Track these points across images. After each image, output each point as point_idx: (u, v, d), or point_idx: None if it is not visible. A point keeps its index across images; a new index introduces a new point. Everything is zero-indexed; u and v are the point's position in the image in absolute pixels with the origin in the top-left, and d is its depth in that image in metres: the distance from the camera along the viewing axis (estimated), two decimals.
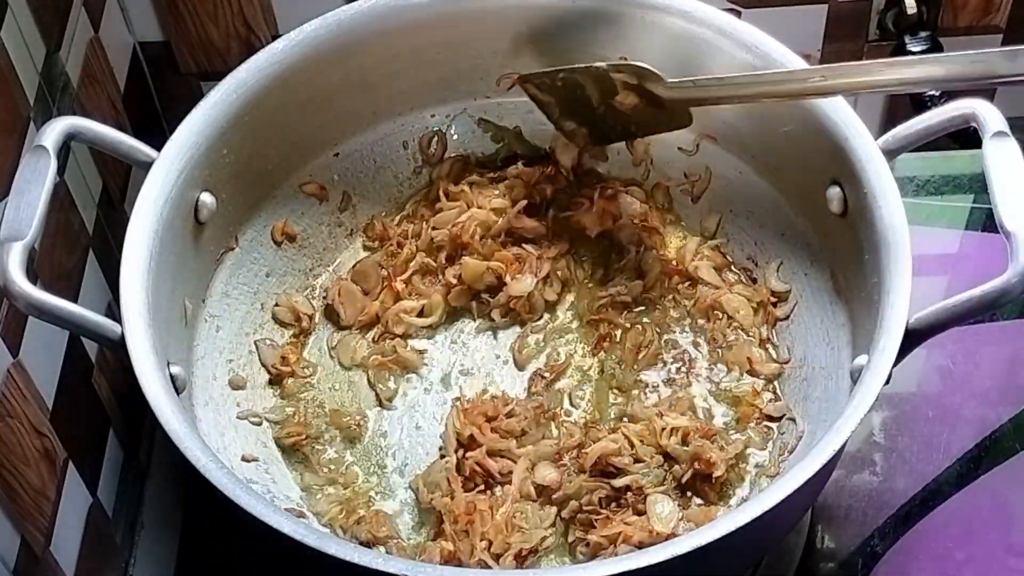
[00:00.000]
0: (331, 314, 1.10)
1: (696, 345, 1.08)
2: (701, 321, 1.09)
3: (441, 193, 1.13)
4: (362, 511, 1.00)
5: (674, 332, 1.09)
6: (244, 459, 1.00)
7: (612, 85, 1.03)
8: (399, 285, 1.09)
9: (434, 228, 1.11)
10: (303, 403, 1.06)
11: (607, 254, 1.13)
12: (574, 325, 1.10)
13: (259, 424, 1.04)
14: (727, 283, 1.10)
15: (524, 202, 1.11)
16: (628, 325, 1.08)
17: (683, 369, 1.07)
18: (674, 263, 1.11)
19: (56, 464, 0.99)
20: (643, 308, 1.10)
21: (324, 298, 1.11)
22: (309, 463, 1.03)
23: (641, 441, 0.99)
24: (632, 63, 1.02)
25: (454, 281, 1.09)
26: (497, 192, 1.12)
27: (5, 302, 0.89)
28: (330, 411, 1.06)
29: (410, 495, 1.01)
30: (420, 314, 1.10)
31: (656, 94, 1.01)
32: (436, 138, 1.15)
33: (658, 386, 1.06)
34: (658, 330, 1.08)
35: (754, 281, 1.10)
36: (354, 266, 1.12)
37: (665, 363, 1.07)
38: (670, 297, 1.10)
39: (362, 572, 0.79)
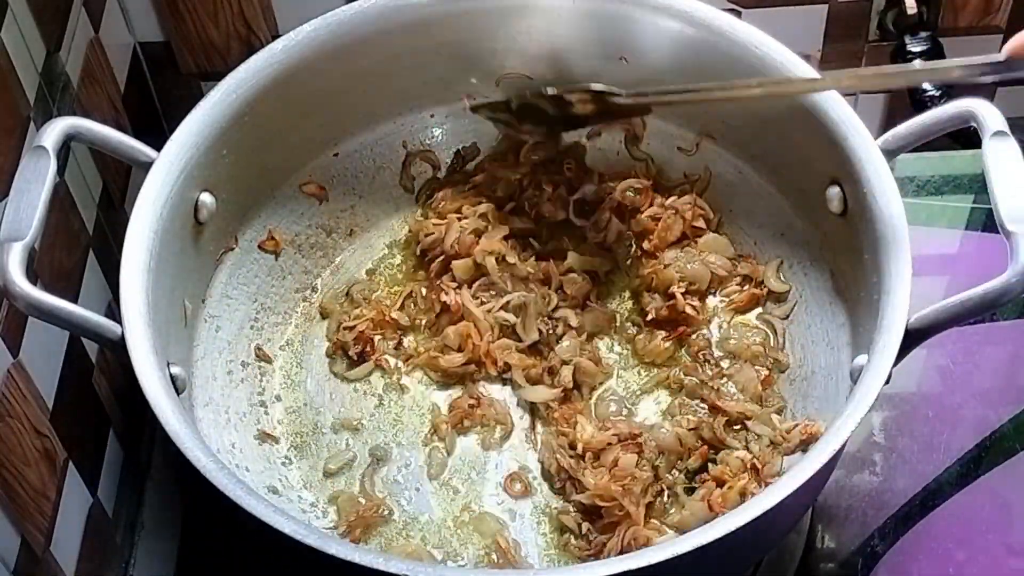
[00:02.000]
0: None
1: None
2: None
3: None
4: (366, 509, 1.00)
5: None
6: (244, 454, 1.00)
7: (567, 101, 1.05)
8: (395, 314, 1.09)
9: (428, 259, 1.11)
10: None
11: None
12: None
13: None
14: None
15: (512, 203, 1.13)
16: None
17: None
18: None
19: (56, 464, 0.99)
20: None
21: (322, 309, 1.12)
22: (311, 459, 1.04)
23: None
24: (585, 87, 1.04)
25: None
26: (481, 201, 1.12)
27: (5, 302, 0.89)
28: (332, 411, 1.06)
29: (411, 494, 1.02)
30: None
31: (614, 103, 1.03)
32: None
33: None
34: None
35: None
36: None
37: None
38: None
39: (362, 572, 0.79)
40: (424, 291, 1.11)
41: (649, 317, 1.07)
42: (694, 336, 1.08)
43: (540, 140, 1.12)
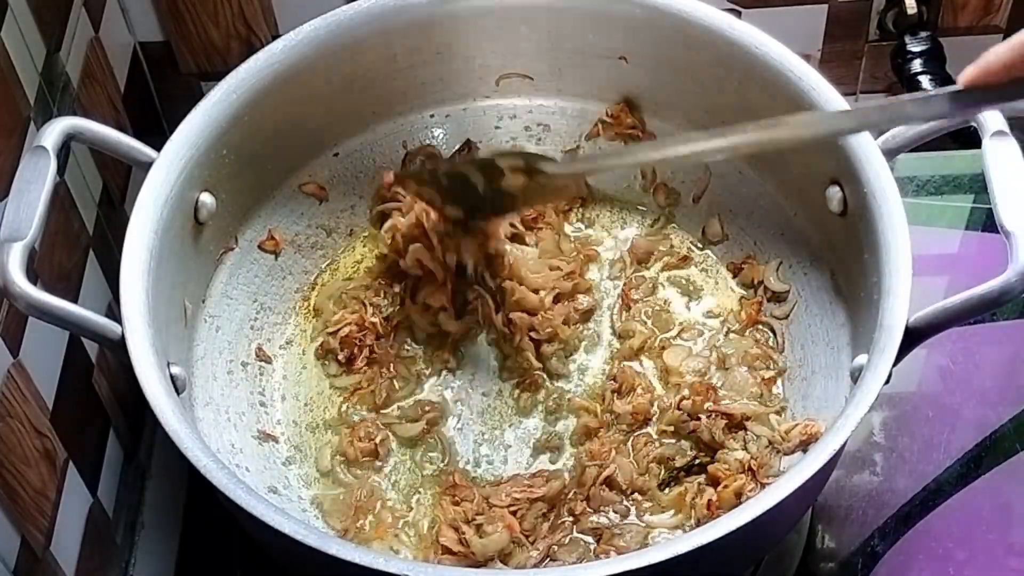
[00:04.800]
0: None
1: None
2: None
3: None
4: (366, 511, 1.00)
5: None
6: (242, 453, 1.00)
7: (499, 171, 0.99)
8: (374, 319, 1.09)
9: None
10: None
11: None
12: None
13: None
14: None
15: None
16: None
17: None
18: None
19: (56, 464, 0.99)
20: None
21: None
22: (311, 458, 1.04)
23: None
24: (517, 150, 1.02)
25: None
26: None
27: (5, 302, 0.89)
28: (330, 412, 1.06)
29: (403, 496, 1.02)
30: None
31: (546, 172, 0.98)
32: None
33: None
34: None
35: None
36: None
37: None
38: None
39: (362, 572, 0.79)
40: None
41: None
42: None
43: (452, 228, 1.06)
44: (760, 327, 1.08)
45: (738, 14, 1.17)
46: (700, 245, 1.14)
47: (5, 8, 0.95)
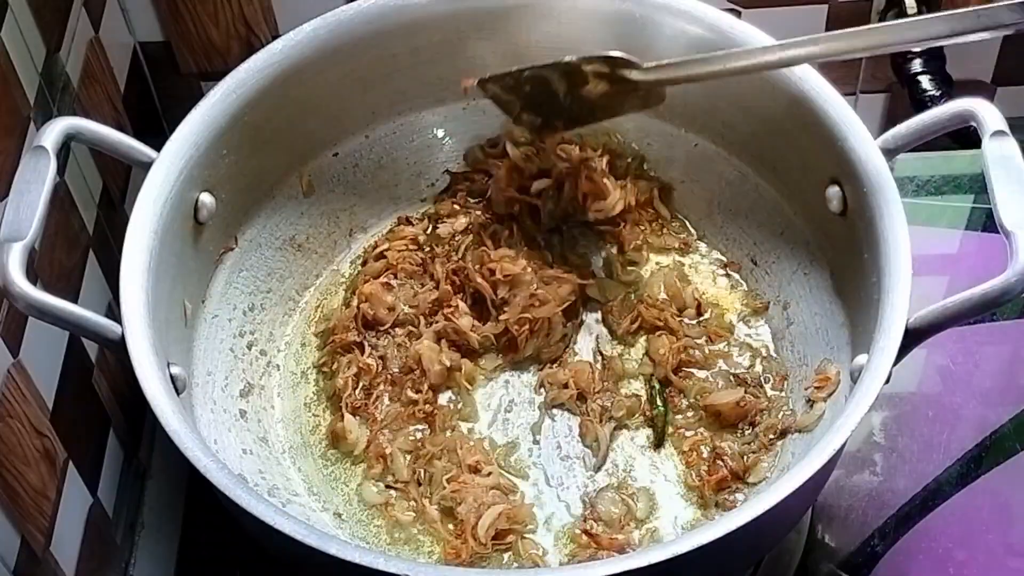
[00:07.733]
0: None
1: None
2: None
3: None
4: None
5: None
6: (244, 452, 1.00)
7: (582, 76, 1.02)
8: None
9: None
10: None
11: None
12: None
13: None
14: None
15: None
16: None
17: None
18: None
19: (56, 464, 0.99)
20: None
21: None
22: (310, 459, 1.04)
23: None
24: (604, 54, 1.01)
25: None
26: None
27: (5, 302, 0.89)
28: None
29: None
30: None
31: (630, 79, 1.00)
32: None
33: None
34: None
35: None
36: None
37: None
38: None
39: (362, 572, 0.79)
40: None
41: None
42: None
43: (531, 138, 1.11)
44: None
45: (738, 14, 1.17)
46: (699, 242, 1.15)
47: (5, 8, 0.95)
